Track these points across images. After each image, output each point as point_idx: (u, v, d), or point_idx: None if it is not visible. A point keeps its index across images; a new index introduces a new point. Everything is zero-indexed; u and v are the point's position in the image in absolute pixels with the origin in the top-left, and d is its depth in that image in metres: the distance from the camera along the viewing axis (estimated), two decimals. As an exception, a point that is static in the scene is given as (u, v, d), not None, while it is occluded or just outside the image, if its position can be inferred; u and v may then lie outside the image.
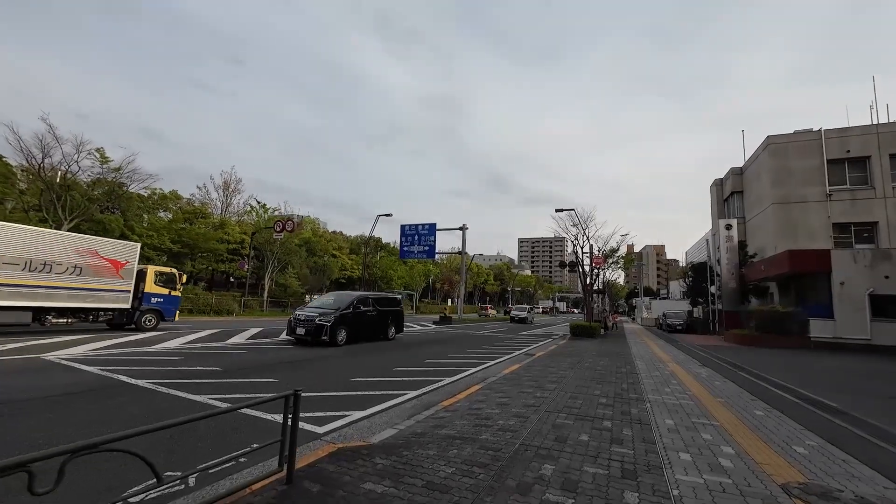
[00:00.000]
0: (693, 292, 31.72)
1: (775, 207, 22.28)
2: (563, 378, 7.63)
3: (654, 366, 9.88)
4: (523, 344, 15.98)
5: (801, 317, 16.74)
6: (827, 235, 21.14)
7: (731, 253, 21.27)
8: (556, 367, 9.24)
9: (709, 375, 8.63)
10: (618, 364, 9.92)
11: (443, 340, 16.11)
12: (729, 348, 15.85)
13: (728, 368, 10.08)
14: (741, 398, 6.35)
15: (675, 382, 7.51)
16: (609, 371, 8.72)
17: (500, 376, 7.93)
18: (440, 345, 14.38)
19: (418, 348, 12.96)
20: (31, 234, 11.88)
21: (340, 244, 45.30)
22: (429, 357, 10.88)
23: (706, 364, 10.71)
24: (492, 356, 11.76)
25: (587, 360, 10.51)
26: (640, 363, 10.24)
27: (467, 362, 10.28)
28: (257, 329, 16.36)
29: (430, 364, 9.65)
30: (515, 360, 10.86)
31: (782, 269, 17.91)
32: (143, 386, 6.00)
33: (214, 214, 32.61)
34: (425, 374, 8.29)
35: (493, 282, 79.16)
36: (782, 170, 22.54)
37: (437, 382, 7.43)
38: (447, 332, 20.64)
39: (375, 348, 12.22)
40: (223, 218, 31.72)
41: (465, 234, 30.65)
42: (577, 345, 15.43)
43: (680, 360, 11.25)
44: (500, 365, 10.08)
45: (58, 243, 12.33)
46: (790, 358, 12.99)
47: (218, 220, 32.02)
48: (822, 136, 22.04)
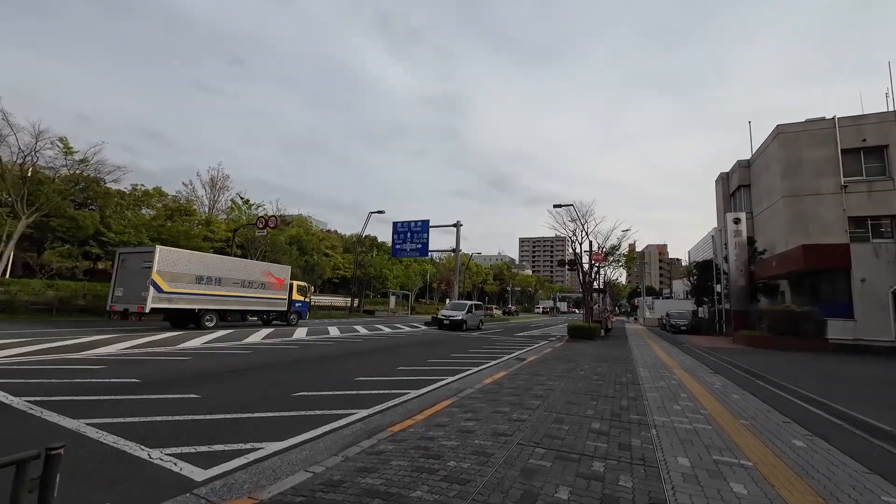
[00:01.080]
0: (698, 291, 30.39)
1: (786, 200, 20.98)
2: (550, 391, 6.39)
3: (659, 374, 8.62)
4: (516, 347, 14.75)
5: (817, 317, 15.44)
6: (842, 230, 19.83)
7: (740, 248, 19.97)
8: (546, 374, 8.01)
9: (723, 386, 7.37)
10: (617, 371, 8.68)
11: (430, 343, 14.89)
12: (739, 351, 14.58)
13: (743, 376, 8.82)
14: (769, 419, 5.10)
15: (686, 397, 6.26)
16: (607, 381, 7.48)
17: (477, 388, 6.71)
18: (425, 348, 13.17)
19: (397, 353, 11.75)
20: (242, 263, 19.26)
21: (334, 243, 44.10)
22: (406, 363, 9.66)
23: (718, 371, 9.45)
24: (478, 361, 10.53)
25: (583, 367, 9.27)
26: (642, 370, 8.99)
27: (447, 369, 9.05)
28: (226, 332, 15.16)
29: (404, 372, 8.44)
30: (503, 366, 9.65)
31: (796, 265, 16.62)
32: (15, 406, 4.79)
33: (200, 211, 31.46)
34: (393, 384, 7.07)
35: (492, 282, 77.89)
36: (793, 161, 21.24)
37: (400, 396, 6.21)
38: (437, 334, 19.41)
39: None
40: (209, 215, 30.53)
41: (459, 232, 29.44)
42: (575, 348, 14.19)
43: (688, 367, 9.99)
44: (484, 372, 8.85)
45: (255, 268, 19.21)
46: (809, 362, 11.71)
47: (204, 217, 30.85)
48: (836, 125, 20.73)
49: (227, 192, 34.05)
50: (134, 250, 16.22)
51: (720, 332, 23.52)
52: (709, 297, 28.75)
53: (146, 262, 14.75)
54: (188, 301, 15.65)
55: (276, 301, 19.32)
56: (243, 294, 17.79)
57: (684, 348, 15.45)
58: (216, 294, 16.63)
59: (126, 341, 10.84)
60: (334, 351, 11.38)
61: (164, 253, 15.17)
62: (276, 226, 23.62)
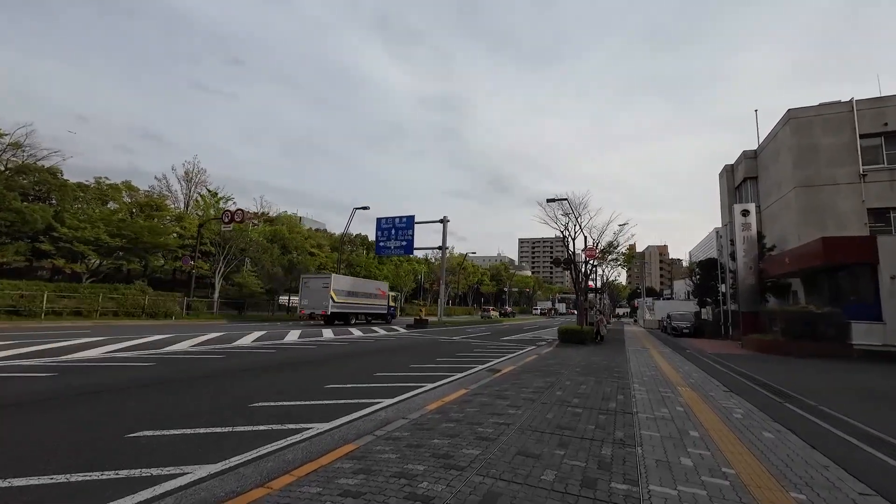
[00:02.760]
0: (700, 291, 28.52)
1: (799, 191, 19.14)
2: (506, 427, 4.54)
3: (660, 394, 6.76)
4: (496, 354, 12.90)
5: (839, 319, 13.57)
6: (860, 223, 17.99)
7: (749, 244, 18.10)
8: (512, 396, 6.17)
9: (747, 415, 5.50)
10: (606, 391, 6.82)
11: (396, 350, 13.04)
12: (750, 358, 12.72)
13: (765, 395, 6.95)
14: (837, 485, 3.24)
15: (698, 438, 4.40)
16: (590, 405, 5.63)
17: (411, 419, 4.89)
18: (385, 357, 11.32)
19: (345, 364, 9.89)
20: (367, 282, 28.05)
21: (320, 241, 42.22)
22: (342, 379, 7.82)
23: (732, 387, 7.58)
24: (439, 374, 8.68)
25: (564, 383, 7.42)
26: (638, 388, 7.13)
27: (392, 387, 7.21)
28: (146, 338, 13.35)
29: (330, 393, 6.60)
30: (467, 382, 7.82)
31: (813, 261, 14.75)
32: None
33: (172, 207, 29.54)
34: (296, 414, 5.23)
35: (488, 282, 75.96)
36: (806, 148, 19.41)
37: (300, 433, 4.38)
38: (413, 338, 17.56)
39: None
40: (181, 211, 28.65)
41: (446, 228, 27.62)
42: (562, 355, 12.33)
43: (696, 382, 8.12)
44: (437, 391, 7.01)
45: (372, 285, 28.08)
46: (837, 373, 9.86)
47: (177, 213, 28.96)
48: (854, 108, 18.90)
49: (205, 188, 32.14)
50: (314, 276, 25.14)
51: (726, 335, 21.65)
52: (712, 298, 26.90)
53: (325, 284, 23.12)
54: (344, 308, 23.92)
55: (382, 307, 28.40)
56: (366, 302, 26.55)
57: (688, 355, 13.59)
58: (355, 303, 25.18)
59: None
60: (258, 362, 9.54)
61: (335, 278, 23.77)
62: (243, 220, 21.81)
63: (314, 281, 23.86)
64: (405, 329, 22.26)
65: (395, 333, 19.20)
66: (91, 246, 21.54)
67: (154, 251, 27.32)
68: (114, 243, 22.18)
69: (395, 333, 19.20)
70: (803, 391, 7.29)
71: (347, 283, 25.12)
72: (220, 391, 6.35)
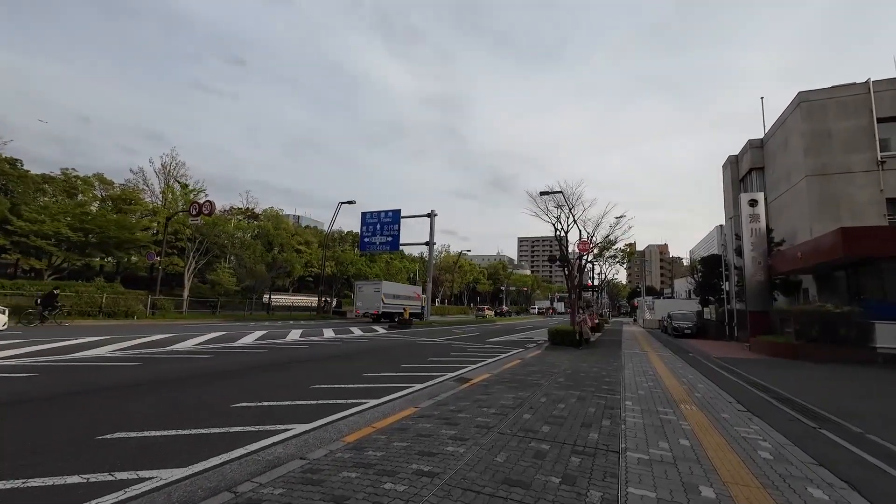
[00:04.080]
0: (703, 289, 27.03)
1: (810, 181, 17.63)
2: (432, 479, 3.07)
3: (659, 417, 5.28)
4: (474, 359, 11.42)
5: (861, 319, 12.08)
6: (878, 214, 16.49)
7: (758, 237, 16.59)
8: (467, 420, 4.70)
9: (778, 455, 4.02)
10: (590, 410, 5.35)
11: (366, 353, 11.57)
12: (763, 364, 11.25)
13: (798, 420, 5.47)
14: None
15: (714, 498, 2.91)
16: (563, 438, 4.15)
17: (312, 459, 3.46)
18: (346, 362, 9.84)
19: (294, 370, 8.42)
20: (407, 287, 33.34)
21: (307, 238, 40.70)
22: (270, 395, 6.35)
23: (751, 406, 6.09)
24: (392, 387, 7.21)
25: (539, 399, 5.95)
26: (631, 408, 5.65)
27: (325, 404, 5.74)
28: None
29: (244, 412, 5.13)
30: (419, 398, 6.37)
31: (831, 254, 13.24)
32: None
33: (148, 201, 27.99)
34: (161, 445, 3.75)
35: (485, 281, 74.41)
36: (819, 134, 17.90)
37: (139, 484, 2.91)
38: (388, 340, 16.09)
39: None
40: (156, 205, 27.17)
41: (434, 222, 26.12)
42: (549, 360, 10.85)
43: (703, 397, 6.64)
44: (378, 410, 5.55)
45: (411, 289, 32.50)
46: (871, 383, 8.39)
47: (150, 207, 27.47)
48: (871, 89, 17.38)
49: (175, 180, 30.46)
50: (368, 283, 30.16)
51: (731, 336, 20.18)
52: (715, 297, 25.42)
53: (376, 289, 28.18)
54: (390, 308, 28.13)
55: (418, 307, 31.99)
56: (407, 303, 29.65)
57: (691, 359, 12.11)
58: (398, 304, 28.83)
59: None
60: (172, 372, 8.07)
61: (385, 284, 29.20)
62: (211, 212, 20.34)
63: (367, 287, 29.02)
64: (385, 329, 20.79)
65: (371, 335, 17.73)
66: (51, 241, 20.07)
67: (127, 247, 25.86)
68: (76, 238, 20.71)
69: (371, 335, 17.73)
70: (838, 410, 5.81)
71: (393, 288, 30.19)
72: (67, 415, 4.88)
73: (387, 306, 28.03)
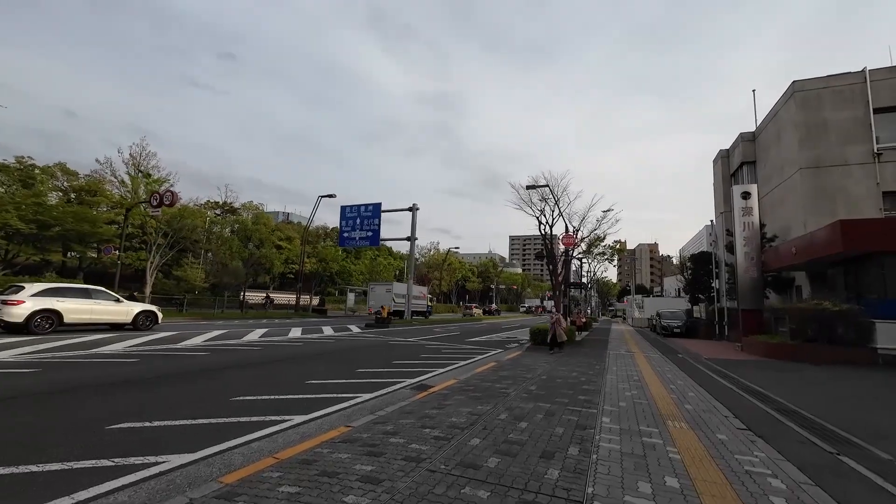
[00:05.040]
0: (693, 287, 26.33)
1: (805, 173, 16.88)
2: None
3: (641, 442, 4.28)
4: (444, 362, 10.36)
5: (861, 318, 11.28)
6: (875, 208, 15.80)
7: (751, 231, 15.76)
8: (398, 448, 3.65)
9: (797, 501, 3.01)
10: (557, 432, 4.32)
11: (325, 355, 10.44)
12: (758, 366, 10.36)
13: (811, 444, 4.50)
14: None
15: None
16: (512, 479, 3.11)
17: None
18: (294, 365, 8.71)
19: (229, 376, 7.27)
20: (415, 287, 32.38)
21: (289, 234, 39.27)
22: (179, 410, 5.22)
23: (752, 423, 5.12)
24: (333, 398, 6.13)
25: (498, 416, 4.90)
26: (608, 428, 4.64)
27: (232, 423, 4.64)
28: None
29: (127, 435, 4.00)
30: (358, 413, 5.30)
31: (828, 249, 12.43)
32: None
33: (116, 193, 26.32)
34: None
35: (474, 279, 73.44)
36: (814, 125, 17.15)
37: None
38: (358, 340, 14.97)
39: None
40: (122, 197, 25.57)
41: (415, 216, 24.97)
42: (526, 363, 9.84)
43: (694, 410, 5.67)
44: (297, 431, 4.47)
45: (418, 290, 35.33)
46: (880, 390, 7.52)
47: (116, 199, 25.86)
48: (867, 79, 16.67)
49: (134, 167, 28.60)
50: (380, 284, 33.85)
51: (721, 335, 19.43)
52: (705, 295, 24.72)
53: (388, 289, 31.92)
54: (401, 306, 30.06)
55: (423, 305, 36.31)
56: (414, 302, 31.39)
57: (681, 361, 11.20)
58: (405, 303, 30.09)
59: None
60: (72, 380, 6.90)
61: (395, 285, 32.76)
62: (173, 203, 18.99)
63: (379, 287, 32.48)
64: (361, 329, 19.65)
65: (342, 334, 16.58)
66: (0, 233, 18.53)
67: (90, 241, 24.33)
68: (28, 230, 19.19)
69: (342, 334, 16.58)
70: (854, 427, 4.86)
71: (402, 288, 32.55)
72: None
73: (397, 305, 31.11)
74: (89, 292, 13.64)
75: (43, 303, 12.14)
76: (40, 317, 11.98)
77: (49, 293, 12.42)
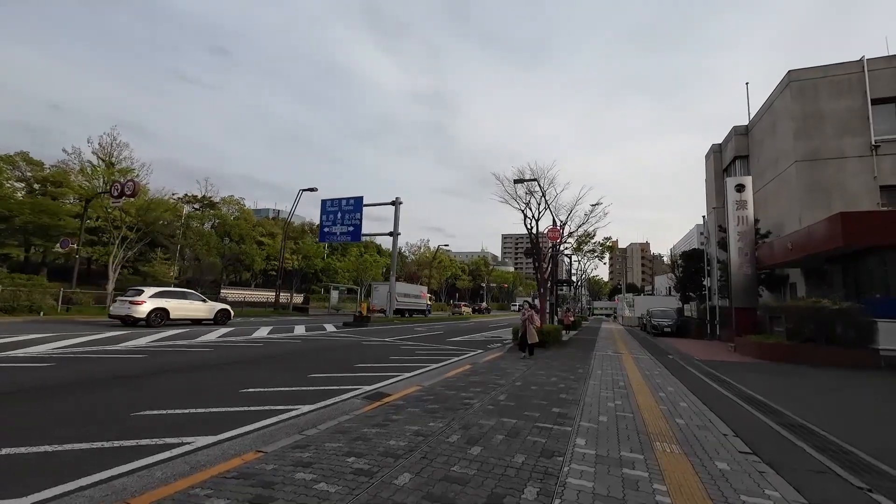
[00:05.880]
0: (684, 286, 25.71)
1: (800, 166, 16.21)
2: None
3: (622, 474, 3.39)
4: (414, 365, 9.42)
5: (862, 317, 10.56)
6: (873, 202, 15.19)
7: (745, 226, 15.03)
8: (295, 489, 2.69)
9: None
10: (516, 460, 3.40)
11: (285, 357, 9.43)
12: (754, 369, 9.58)
13: (835, 476, 3.63)
14: None
15: None
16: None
17: None
18: (248, 369, 7.71)
19: (168, 381, 6.25)
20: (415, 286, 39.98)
21: (271, 229, 38.01)
22: (60, 431, 4.22)
23: (758, 446, 4.26)
24: (263, 412, 5.17)
25: (449, 437, 3.98)
26: (582, 453, 3.74)
27: (114, 450, 3.65)
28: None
29: None
30: (281, 432, 4.34)
31: (828, 243, 11.70)
32: None
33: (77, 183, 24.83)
34: None
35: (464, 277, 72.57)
36: (810, 116, 16.49)
37: None
38: (331, 340, 13.98)
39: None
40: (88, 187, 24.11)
41: (399, 210, 23.99)
42: (504, 365, 8.95)
43: (687, 425, 4.80)
44: (176, 466, 3.45)
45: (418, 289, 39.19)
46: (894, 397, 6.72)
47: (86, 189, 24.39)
48: (865, 68, 16.04)
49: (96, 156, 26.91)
50: (382, 283, 33.86)
51: (713, 334, 18.76)
52: (697, 293, 24.10)
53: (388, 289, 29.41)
54: (402, 305, 32.27)
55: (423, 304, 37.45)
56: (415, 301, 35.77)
57: (672, 363, 10.39)
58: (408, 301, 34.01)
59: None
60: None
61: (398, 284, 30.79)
62: (134, 193, 17.80)
63: (382, 287, 32.50)
64: (337, 327, 18.62)
65: (315, 334, 15.55)
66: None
67: (53, 234, 22.96)
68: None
69: (315, 334, 15.55)
70: (884, 451, 4.01)
71: (404, 288, 34.26)
72: None
73: (400, 304, 32.21)
74: (185, 294, 16.61)
75: (157, 302, 14.85)
76: (155, 313, 14.67)
77: (159, 295, 15.20)
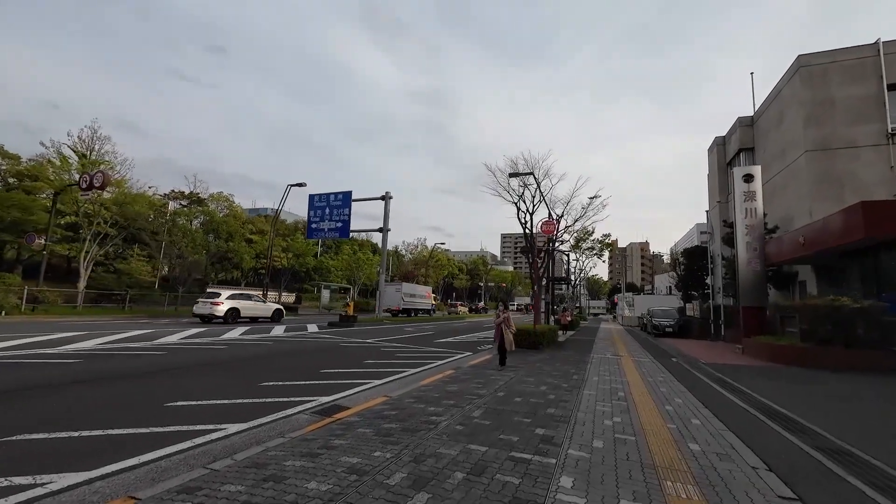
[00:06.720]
0: (685, 284, 24.75)
1: (810, 157, 15.26)
2: None
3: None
4: (390, 370, 8.43)
5: (885, 316, 9.60)
6: (888, 194, 14.21)
7: (754, 219, 14.05)
8: None
9: None
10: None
11: (248, 361, 8.44)
12: (768, 374, 8.60)
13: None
14: None
15: None
16: None
17: None
18: (198, 375, 6.72)
19: (82, 393, 5.26)
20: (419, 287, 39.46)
21: (262, 227, 36.99)
22: None
23: (802, 488, 3.27)
24: (177, 434, 4.18)
25: (392, 475, 2.98)
26: (568, 502, 2.72)
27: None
28: None
29: None
30: (181, 466, 3.32)
31: (848, 236, 10.73)
32: None
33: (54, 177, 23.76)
34: None
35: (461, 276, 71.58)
36: (820, 103, 15.54)
37: None
38: (307, 342, 12.99)
39: None
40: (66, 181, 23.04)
41: (388, 205, 22.99)
42: (489, 371, 7.96)
43: (705, 456, 3.81)
44: None
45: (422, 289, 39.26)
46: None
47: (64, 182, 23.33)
48: (881, 51, 15.09)
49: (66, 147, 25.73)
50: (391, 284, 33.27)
51: (717, 335, 17.78)
52: (699, 292, 23.14)
53: (397, 289, 33.05)
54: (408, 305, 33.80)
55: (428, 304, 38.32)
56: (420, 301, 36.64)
57: (676, 368, 9.41)
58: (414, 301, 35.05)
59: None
60: None
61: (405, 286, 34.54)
62: (103, 185, 16.80)
63: (389, 287, 32.43)
64: (321, 328, 17.62)
65: (293, 335, 14.55)
66: None
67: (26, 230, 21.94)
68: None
69: (293, 335, 14.55)
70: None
71: (410, 288, 35.27)
72: None
73: (406, 303, 33.52)
74: (250, 296, 19.32)
75: (231, 303, 17.49)
76: (231, 313, 17.29)
77: (232, 297, 17.85)
